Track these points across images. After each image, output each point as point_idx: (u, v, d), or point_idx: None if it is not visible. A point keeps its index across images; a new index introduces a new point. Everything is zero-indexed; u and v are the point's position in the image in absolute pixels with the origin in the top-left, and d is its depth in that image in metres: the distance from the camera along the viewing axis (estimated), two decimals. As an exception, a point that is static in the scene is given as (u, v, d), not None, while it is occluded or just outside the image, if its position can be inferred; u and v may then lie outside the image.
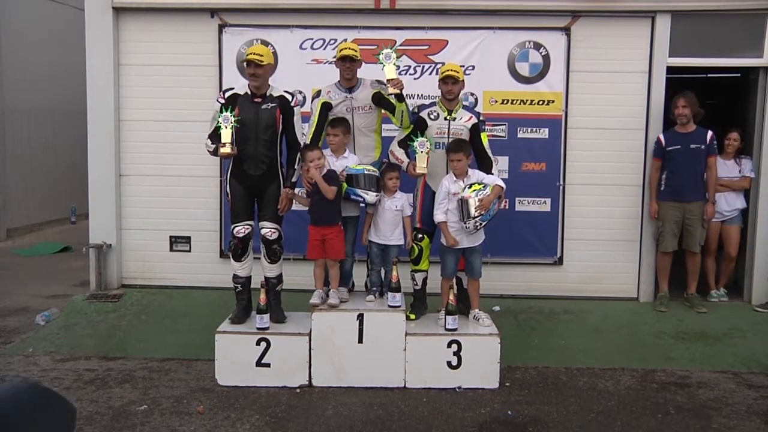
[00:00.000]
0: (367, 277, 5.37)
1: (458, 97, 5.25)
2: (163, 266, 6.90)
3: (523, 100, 6.57)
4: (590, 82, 6.58)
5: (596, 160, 6.65)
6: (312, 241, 5.01)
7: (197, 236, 6.87)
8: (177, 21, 6.71)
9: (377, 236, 5.18)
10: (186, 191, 6.80)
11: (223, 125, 4.87)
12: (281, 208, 5.09)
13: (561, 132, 6.60)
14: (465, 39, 6.54)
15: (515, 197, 6.51)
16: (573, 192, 6.68)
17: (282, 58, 6.57)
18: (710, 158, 6.37)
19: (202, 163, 6.27)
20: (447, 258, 5.13)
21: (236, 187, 5.10)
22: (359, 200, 5.01)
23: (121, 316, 6.21)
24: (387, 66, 5.00)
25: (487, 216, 4.90)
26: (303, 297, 5.14)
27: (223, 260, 6.53)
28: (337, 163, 5.10)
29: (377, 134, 5.39)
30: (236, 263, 5.17)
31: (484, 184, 4.95)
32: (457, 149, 5.00)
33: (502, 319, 5.81)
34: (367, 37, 6.46)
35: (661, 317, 6.29)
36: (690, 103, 6.34)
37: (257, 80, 5.00)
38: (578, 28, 6.56)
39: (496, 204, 4.97)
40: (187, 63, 6.71)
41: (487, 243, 5.23)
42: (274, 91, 5.12)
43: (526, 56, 6.57)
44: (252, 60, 4.93)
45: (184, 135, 6.60)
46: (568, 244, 6.72)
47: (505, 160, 6.51)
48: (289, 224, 5.31)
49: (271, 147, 5.06)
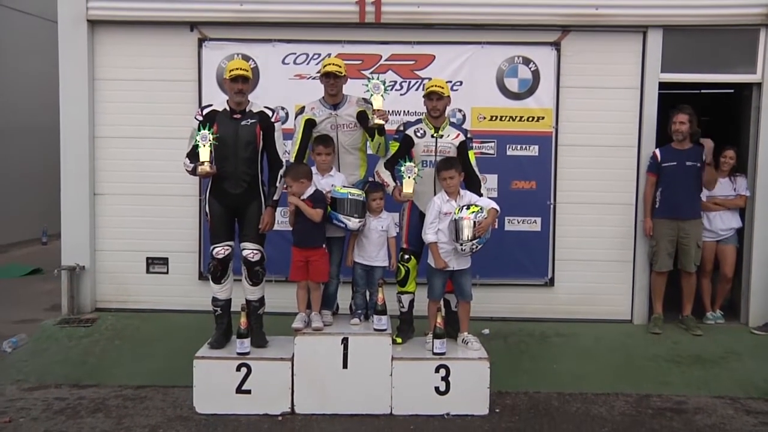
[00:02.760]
0: (351, 299, 5.40)
1: (444, 113, 5.33)
2: (139, 289, 6.92)
3: (512, 116, 6.70)
4: (581, 98, 6.72)
5: (588, 178, 6.77)
6: (295, 263, 5.05)
7: (175, 257, 6.90)
8: (155, 34, 6.79)
9: (362, 257, 5.24)
10: (164, 211, 6.84)
11: (201, 143, 4.92)
12: (263, 227, 5.13)
13: (551, 149, 6.72)
14: (452, 54, 6.67)
15: (505, 216, 6.59)
16: (564, 211, 6.79)
17: (264, 74, 6.67)
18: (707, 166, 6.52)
19: (181, 181, 6.30)
20: (435, 280, 5.18)
21: (216, 207, 5.15)
22: (341, 226, 5.08)
23: (94, 341, 6.20)
24: (375, 96, 5.13)
25: (483, 240, 4.98)
26: (285, 320, 5.18)
27: (202, 282, 6.57)
28: (323, 181, 5.16)
29: (362, 152, 5.47)
30: (216, 285, 5.20)
31: (481, 207, 5.02)
32: (448, 167, 5.07)
33: (491, 342, 5.87)
34: (352, 52, 6.59)
35: (656, 340, 6.37)
36: (689, 120, 6.45)
37: (243, 96, 5.08)
38: (568, 42, 6.71)
39: (490, 228, 5.06)
40: (165, 78, 6.78)
41: (476, 264, 5.30)
42: (253, 106, 5.18)
43: (515, 71, 6.70)
44: (240, 75, 4.99)
45: (161, 152, 6.65)
46: (560, 265, 6.82)
47: (493, 179, 6.61)
48: (271, 245, 5.35)
49: (251, 164, 5.11)
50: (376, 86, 5.15)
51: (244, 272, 5.18)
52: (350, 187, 5.15)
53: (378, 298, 5.02)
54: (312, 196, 5.01)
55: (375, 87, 5.15)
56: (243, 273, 5.18)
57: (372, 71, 6.49)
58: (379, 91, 5.14)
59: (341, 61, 5.39)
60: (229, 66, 5.15)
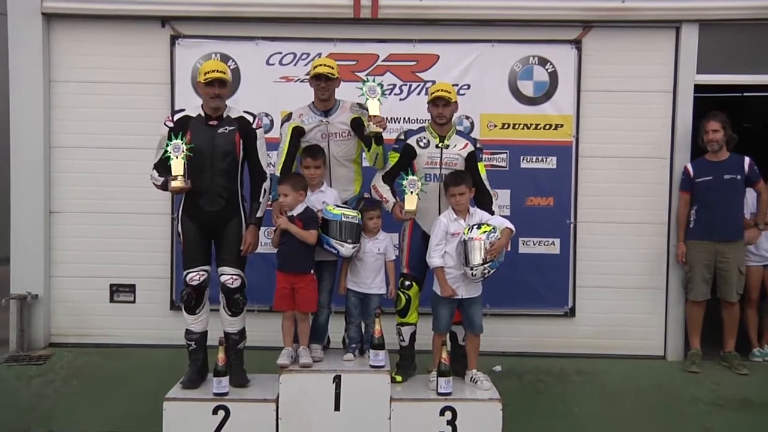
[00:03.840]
0: (344, 331, 5.48)
1: (451, 121, 5.44)
2: (101, 320, 6.99)
3: (527, 124, 6.84)
4: (605, 103, 6.86)
5: (613, 193, 6.90)
6: (280, 290, 5.11)
7: (143, 284, 6.99)
8: (120, 30, 6.90)
9: (356, 284, 5.31)
10: (130, 231, 6.93)
11: (172, 154, 4.96)
12: (244, 249, 5.20)
13: (571, 161, 6.86)
14: (459, 53, 6.82)
15: (518, 237, 6.67)
16: (586, 231, 6.91)
17: (246, 76, 6.81)
18: (757, 185, 6.56)
19: (150, 197, 6.36)
20: (440, 309, 5.25)
21: (189, 226, 5.20)
22: (332, 251, 5.16)
23: (47, 381, 6.22)
24: (371, 101, 5.24)
25: (496, 263, 5.06)
26: (269, 356, 5.24)
27: (174, 313, 6.65)
28: (312, 197, 5.24)
29: (357, 164, 5.57)
30: (190, 316, 5.24)
31: (493, 227, 5.10)
32: (457, 182, 5.15)
33: (504, 381, 5.97)
34: (345, 51, 6.73)
35: (694, 380, 6.42)
36: (722, 127, 6.54)
37: (221, 101, 5.16)
38: (590, 40, 6.85)
39: (504, 250, 5.13)
40: (132, 80, 6.90)
41: (487, 291, 5.37)
42: (232, 112, 5.25)
43: (529, 73, 6.84)
44: (217, 78, 5.06)
45: (128, 164, 6.77)
46: (582, 293, 6.93)
47: (506, 194, 6.74)
48: (252, 269, 5.41)
49: (230, 178, 5.17)
50: (372, 90, 5.26)
51: (222, 301, 5.24)
52: (344, 207, 5.22)
53: (375, 331, 5.09)
54: (302, 215, 5.08)
55: (371, 91, 5.25)
56: (221, 302, 5.24)
57: (368, 73, 6.62)
58: (375, 96, 5.25)
59: (333, 62, 5.49)
60: (204, 68, 5.20)
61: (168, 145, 5.00)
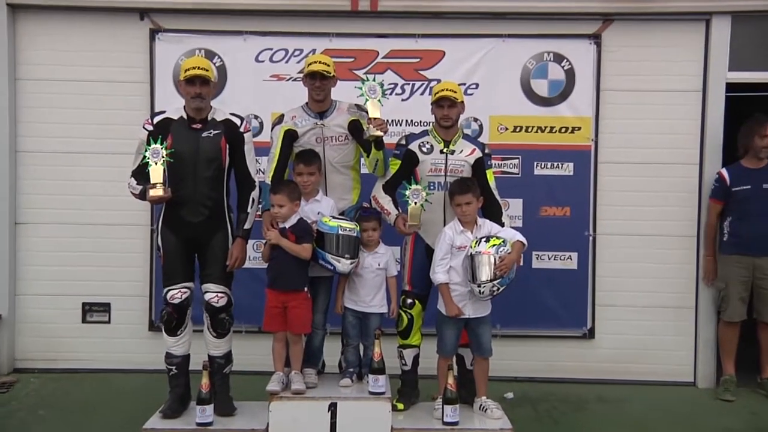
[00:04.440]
0: (341, 354, 5.53)
1: (457, 124, 5.51)
2: (72, 343, 7.02)
3: (541, 126, 6.90)
4: (627, 103, 6.92)
5: (636, 203, 6.95)
6: (270, 309, 5.15)
7: (119, 303, 7.02)
8: (95, 24, 6.95)
9: (354, 302, 5.35)
10: (105, 244, 6.97)
11: (151, 160, 4.99)
12: (231, 264, 5.24)
13: (590, 167, 6.92)
14: (466, 49, 6.89)
15: (532, 251, 6.73)
16: (606, 244, 6.95)
17: (233, 74, 6.87)
18: None
19: (126, 207, 6.43)
20: (446, 330, 5.28)
21: (170, 239, 5.25)
22: (328, 267, 5.19)
23: (11, 412, 6.18)
24: (371, 102, 5.28)
25: (507, 280, 5.09)
26: (258, 382, 5.27)
27: (154, 334, 6.69)
28: (306, 207, 5.29)
29: (355, 171, 5.63)
30: (170, 338, 5.29)
31: (503, 240, 5.13)
32: (463, 190, 5.19)
33: (516, 409, 6.01)
34: (342, 47, 6.79)
35: (728, 409, 6.44)
36: None
37: (203, 102, 5.20)
38: (611, 35, 6.91)
39: (515, 266, 5.17)
40: (107, 78, 6.94)
41: (497, 310, 5.41)
42: (217, 114, 5.31)
43: (544, 71, 6.91)
44: (198, 76, 5.12)
45: (103, 171, 6.82)
46: (602, 312, 6.97)
47: (518, 204, 6.81)
48: (240, 287, 5.47)
49: (215, 186, 5.22)
50: (371, 89, 5.30)
51: (206, 321, 5.28)
52: (341, 219, 5.26)
53: (374, 354, 5.12)
54: (295, 227, 5.12)
55: (371, 90, 5.30)
56: (205, 322, 5.29)
57: (367, 71, 6.66)
58: (375, 96, 5.30)
59: (329, 59, 5.55)
60: (185, 64, 5.27)
61: (147, 150, 5.03)
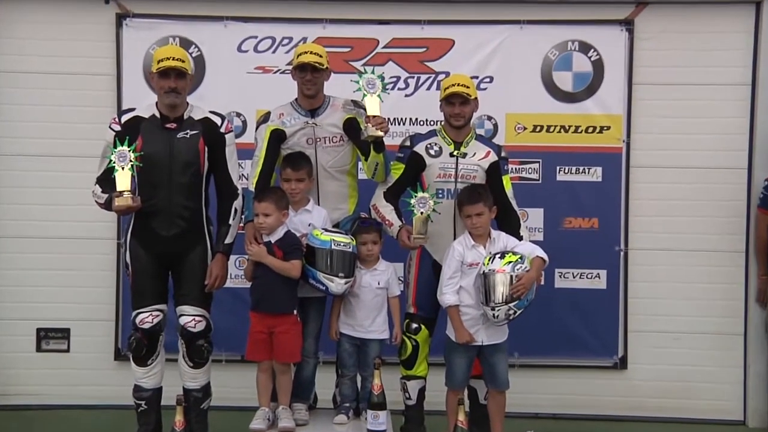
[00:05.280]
0: (336, 387, 5.57)
1: (469, 123, 5.58)
2: (25, 375, 7.03)
3: (565, 126, 6.94)
4: (664, 99, 6.95)
5: (674, 213, 6.97)
6: (254, 335, 5.17)
7: (80, 328, 7.03)
8: (52, 9, 6.97)
9: (351, 326, 5.37)
10: (63, 260, 6.99)
11: (117, 164, 5.01)
12: (210, 283, 5.28)
13: (620, 172, 6.95)
14: (479, 38, 6.93)
15: (554, 268, 6.76)
16: (640, 260, 6.98)
17: (212, 65, 6.91)
18: None
19: (89, 218, 6.50)
20: (456, 359, 5.31)
21: (140, 255, 5.29)
22: (320, 288, 5.21)
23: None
24: (369, 97, 5.30)
25: (525, 302, 5.12)
26: (241, 418, 5.29)
27: (120, 364, 6.73)
28: (296, 218, 5.32)
29: (351, 177, 5.67)
30: (140, 369, 5.32)
31: (520, 256, 5.17)
32: (473, 199, 5.22)
33: (537, 450, 6.04)
34: (337, 35, 6.83)
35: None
36: None
37: (178, 97, 5.26)
38: (645, 20, 6.95)
39: (534, 285, 5.20)
40: (66, 70, 6.97)
41: (514, 337, 5.44)
42: (194, 112, 5.36)
43: (568, 62, 6.96)
44: (172, 68, 5.15)
45: (61, 177, 6.87)
46: (635, 339, 6.99)
47: (538, 214, 6.85)
48: (220, 309, 5.53)
49: (192, 194, 5.27)
50: (370, 83, 5.31)
51: (181, 349, 5.32)
52: (334, 231, 5.28)
53: (374, 386, 5.13)
54: (282, 242, 5.15)
55: (369, 84, 5.31)
56: (180, 350, 5.33)
57: (365, 62, 6.70)
58: (374, 91, 5.31)
59: (322, 49, 5.58)
60: (157, 55, 5.32)
61: (113, 154, 5.05)
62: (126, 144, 5.05)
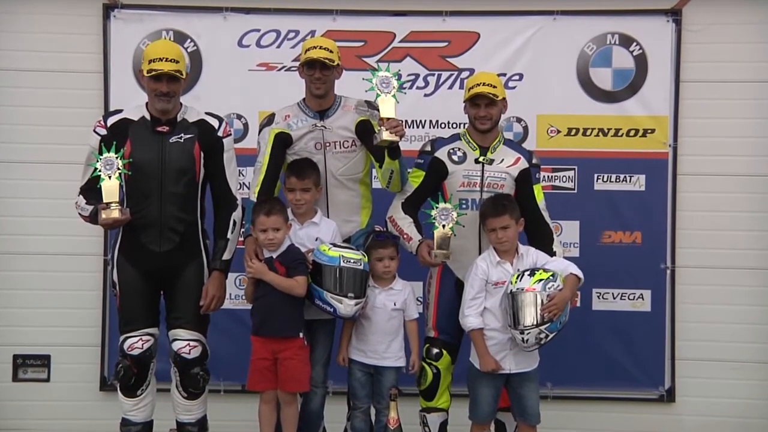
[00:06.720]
0: (347, 420, 5.59)
1: (497, 126, 5.60)
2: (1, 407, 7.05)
3: (603, 129, 6.98)
4: (715, 98, 6.99)
5: (729, 226, 7.00)
6: (256, 362, 5.21)
7: (62, 355, 7.07)
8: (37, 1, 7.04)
9: (363, 352, 5.39)
10: (44, 279, 7.04)
11: (103, 173, 5.05)
12: (206, 304, 5.31)
13: (666, 181, 6.97)
14: (507, 30, 6.99)
15: (591, 288, 6.79)
16: (689, 280, 6.99)
17: (210, 62, 6.97)
18: None
19: (72, 232, 6.58)
20: (481, 390, 5.32)
21: (129, 273, 5.33)
22: (327, 309, 5.20)
23: None
24: (383, 98, 5.30)
25: (557, 324, 5.12)
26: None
27: (106, 395, 6.79)
28: (301, 232, 5.36)
29: (364, 186, 5.71)
30: (128, 400, 5.36)
31: (552, 273, 5.18)
32: (498, 211, 5.23)
33: (574, 493, 6.07)
34: (349, 28, 6.89)
35: None
36: None
37: (170, 101, 5.30)
38: (694, 10, 6.98)
39: (568, 306, 5.23)
40: (50, 67, 7.04)
41: (546, 364, 5.46)
42: (189, 113, 5.42)
43: (607, 58, 7.00)
44: (166, 74, 5.17)
45: (39, 186, 6.96)
46: (684, 368, 6.99)
47: (573, 227, 6.89)
48: (218, 333, 5.57)
49: (186, 205, 5.32)
50: (384, 81, 5.32)
51: (174, 378, 5.36)
52: (344, 247, 5.29)
53: (389, 420, 5.20)
54: (284, 256, 5.18)
55: (383, 83, 5.32)
56: (173, 379, 5.37)
57: (380, 58, 6.73)
58: (389, 90, 5.31)
59: (332, 43, 5.62)
60: (148, 53, 5.35)
61: (98, 161, 5.07)
62: (113, 150, 5.09)
